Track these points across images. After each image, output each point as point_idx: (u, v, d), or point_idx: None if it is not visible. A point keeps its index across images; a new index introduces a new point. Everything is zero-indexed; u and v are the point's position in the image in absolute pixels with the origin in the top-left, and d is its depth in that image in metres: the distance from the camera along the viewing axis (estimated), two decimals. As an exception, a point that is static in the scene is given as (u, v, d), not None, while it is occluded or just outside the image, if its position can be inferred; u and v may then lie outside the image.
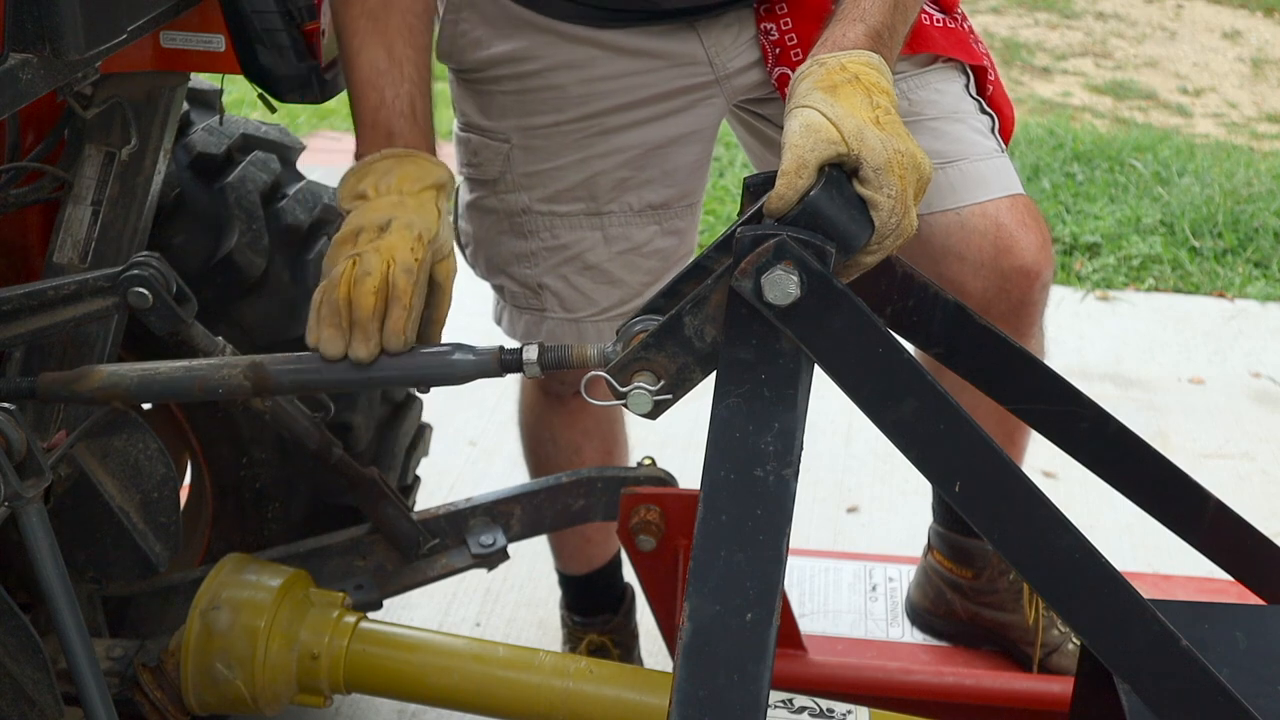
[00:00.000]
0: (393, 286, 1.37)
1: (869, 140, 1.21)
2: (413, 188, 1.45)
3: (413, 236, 1.40)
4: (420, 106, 1.52)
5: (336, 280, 1.38)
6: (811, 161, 1.21)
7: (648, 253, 1.93)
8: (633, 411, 1.26)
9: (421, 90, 1.53)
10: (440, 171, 1.48)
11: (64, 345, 1.73)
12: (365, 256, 1.38)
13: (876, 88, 1.27)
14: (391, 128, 1.50)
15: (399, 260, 1.38)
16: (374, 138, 1.50)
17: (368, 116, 1.51)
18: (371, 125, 1.51)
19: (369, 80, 1.51)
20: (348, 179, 1.48)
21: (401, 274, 1.38)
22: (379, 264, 1.38)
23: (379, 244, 1.39)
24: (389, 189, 1.45)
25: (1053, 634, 2.15)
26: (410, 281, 1.38)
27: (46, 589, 1.41)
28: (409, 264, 1.38)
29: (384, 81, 1.51)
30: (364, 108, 1.52)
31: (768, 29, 1.77)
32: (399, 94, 1.51)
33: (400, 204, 1.43)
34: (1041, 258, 1.80)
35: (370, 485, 1.91)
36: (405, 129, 1.50)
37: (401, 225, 1.40)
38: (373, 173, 1.46)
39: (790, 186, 1.21)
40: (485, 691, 1.67)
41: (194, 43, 1.75)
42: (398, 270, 1.38)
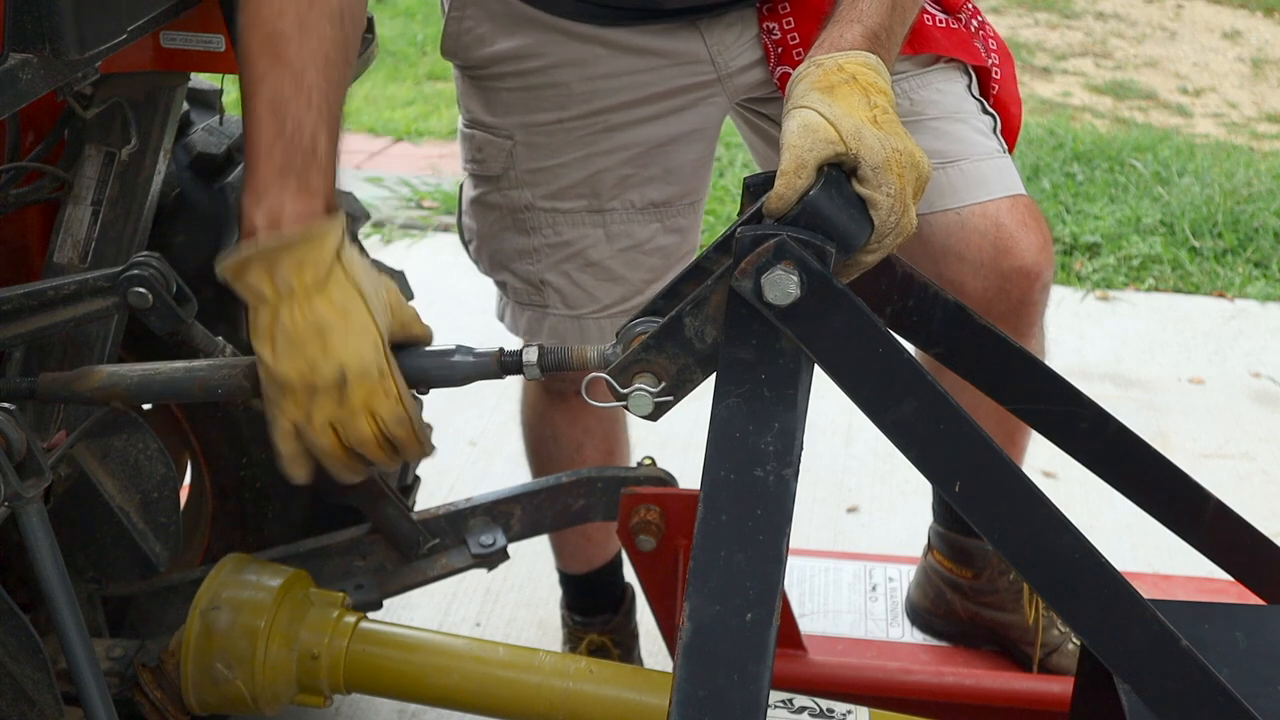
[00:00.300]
0: (396, 441, 1.33)
1: (867, 139, 1.22)
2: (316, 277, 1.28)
3: (375, 377, 1.29)
4: (324, 144, 1.33)
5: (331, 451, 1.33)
6: (810, 161, 1.21)
7: (649, 250, 1.93)
8: (633, 413, 1.26)
9: (328, 126, 1.34)
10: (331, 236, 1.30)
11: (64, 345, 1.73)
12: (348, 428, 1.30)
13: (874, 88, 1.28)
14: (288, 162, 1.31)
15: (384, 414, 1.31)
16: (266, 172, 1.31)
17: (262, 149, 1.32)
18: (265, 158, 1.31)
19: (269, 107, 1.32)
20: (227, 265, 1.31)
21: (395, 427, 1.31)
22: (368, 429, 1.31)
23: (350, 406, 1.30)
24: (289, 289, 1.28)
25: (1053, 634, 2.15)
26: (408, 429, 1.32)
27: (46, 589, 1.41)
28: (395, 413, 1.31)
29: (286, 111, 1.32)
30: (259, 138, 1.32)
31: (770, 28, 1.78)
32: (301, 125, 1.32)
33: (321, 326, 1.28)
34: (1042, 258, 1.80)
35: (370, 485, 1.91)
36: (301, 165, 1.31)
37: (357, 375, 1.29)
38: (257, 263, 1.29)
39: (789, 186, 1.21)
40: (485, 691, 1.67)
41: (194, 43, 1.74)
42: (390, 426, 1.31)
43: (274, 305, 1.29)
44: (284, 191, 1.31)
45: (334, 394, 1.30)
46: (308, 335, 1.29)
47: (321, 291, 1.29)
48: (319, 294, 1.29)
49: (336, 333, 1.29)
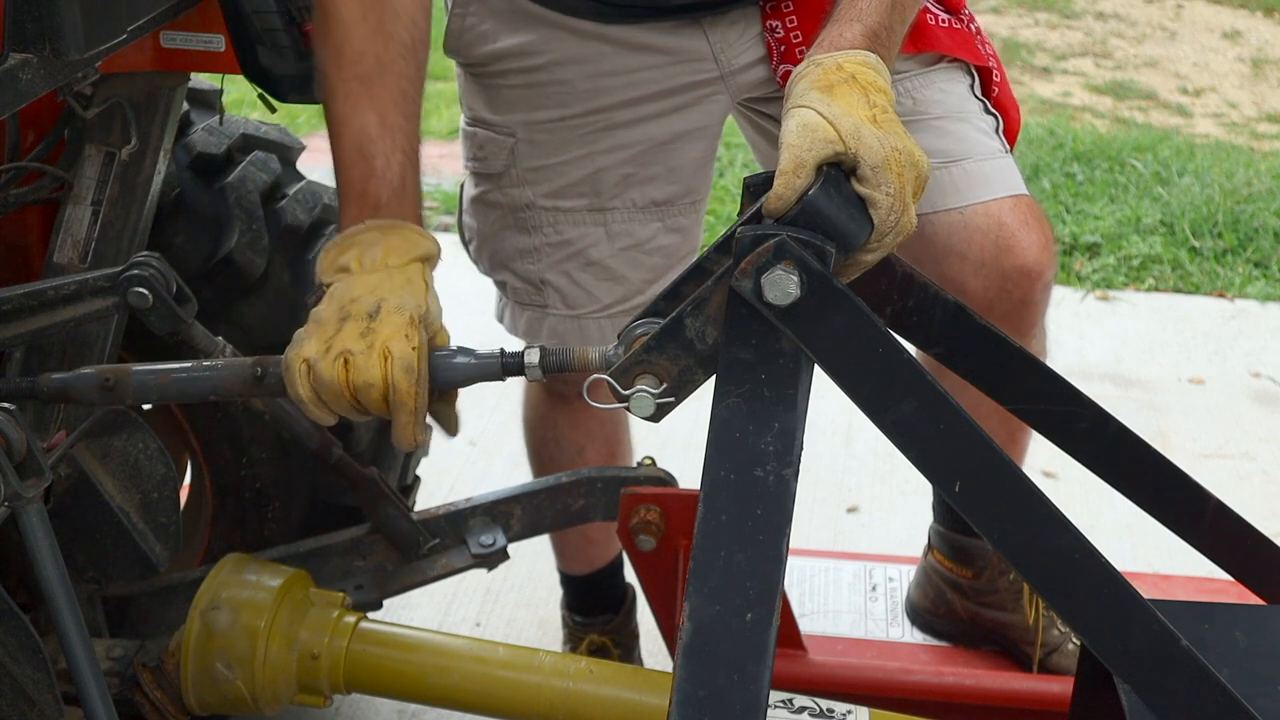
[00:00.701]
0: (394, 389, 1.32)
1: (866, 139, 1.22)
2: (398, 260, 1.39)
3: (404, 321, 1.34)
4: (410, 180, 1.45)
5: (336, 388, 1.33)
6: (809, 161, 1.21)
7: (650, 250, 1.93)
8: (635, 414, 1.26)
9: (412, 161, 1.46)
10: (427, 244, 1.42)
11: (64, 345, 1.73)
12: (359, 362, 1.32)
13: (873, 87, 1.28)
14: (379, 200, 1.43)
15: (396, 354, 1.32)
16: (360, 210, 1.43)
17: (355, 187, 1.44)
18: (360, 196, 1.43)
19: (358, 148, 1.43)
20: (329, 250, 1.41)
21: (401, 373, 1.32)
22: (378, 368, 1.32)
23: (371, 337, 1.32)
24: (374, 263, 1.38)
25: (1053, 634, 2.15)
26: (411, 380, 1.32)
27: (46, 589, 1.41)
28: (407, 358, 1.32)
29: (374, 150, 1.43)
30: (351, 177, 1.44)
31: (773, 26, 1.78)
32: (390, 164, 1.43)
33: (386, 280, 1.37)
34: (1044, 258, 1.80)
35: (370, 485, 1.91)
36: (393, 203, 1.43)
37: (391, 309, 1.34)
38: (356, 245, 1.40)
39: (788, 186, 1.21)
40: (485, 691, 1.67)
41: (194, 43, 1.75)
42: (397, 369, 1.32)
43: (354, 277, 1.38)
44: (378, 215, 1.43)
45: (361, 323, 1.34)
46: (366, 284, 1.36)
47: (399, 269, 1.38)
48: (396, 270, 1.38)
49: (392, 282, 1.36)
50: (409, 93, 1.47)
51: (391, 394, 1.33)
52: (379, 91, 1.44)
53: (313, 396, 1.35)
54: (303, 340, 1.36)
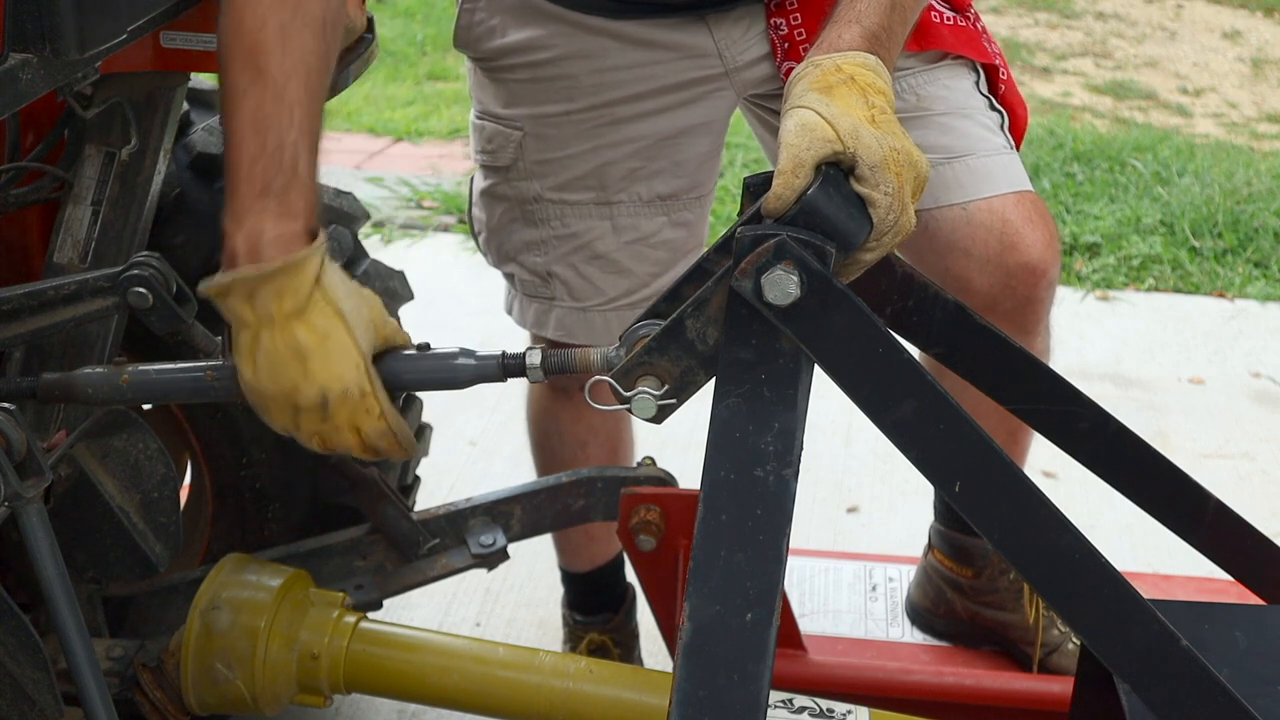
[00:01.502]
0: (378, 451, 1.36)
1: (864, 138, 1.22)
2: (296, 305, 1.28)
3: (357, 401, 1.31)
4: (304, 162, 1.32)
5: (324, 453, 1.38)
6: (808, 160, 1.21)
7: (656, 243, 1.93)
8: (637, 416, 1.26)
9: (308, 142, 1.33)
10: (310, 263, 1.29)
11: (64, 345, 1.73)
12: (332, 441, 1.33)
13: (872, 88, 1.28)
14: (269, 182, 1.30)
15: (366, 429, 1.33)
16: (246, 192, 1.30)
17: (243, 168, 1.30)
18: (246, 178, 1.30)
19: (251, 124, 1.31)
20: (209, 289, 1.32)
21: (379, 439, 1.34)
22: (352, 440, 1.34)
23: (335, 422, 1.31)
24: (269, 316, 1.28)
25: (1053, 634, 2.15)
26: (391, 439, 1.35)
27: (46, 589, 1.41)
28: (378, 429, 1.33)
29: (268, 127, 1.31)
30: (240, 156, 1.31)
31: (777, 24, 1.79)
32: (282, 143, 1.30)
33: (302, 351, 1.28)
34: (1048, 254, 1.80)
35: (370, 485, 1.91)
36: (282, 185, 1.30)
37: (337, 398, 1.29)
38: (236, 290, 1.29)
39: (787, 186, 1.21)
40: (485, 691, 1.67)
41: (194, 43, 1.74)
42: (374, 440, 1.34)
43: (254, 329, 1.30)
44: (264, 215, 1.30)
45: (317, 413, 1.31)
46: (288, 359, 1.29)
47: (300, 317, 1.29)
48: (298, 320, 1.28)
49: (316, 357, 1.29)
50: (314, 68, 1.34)
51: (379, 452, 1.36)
52: (280, 64, 1.32)
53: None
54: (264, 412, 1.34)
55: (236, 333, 1.32)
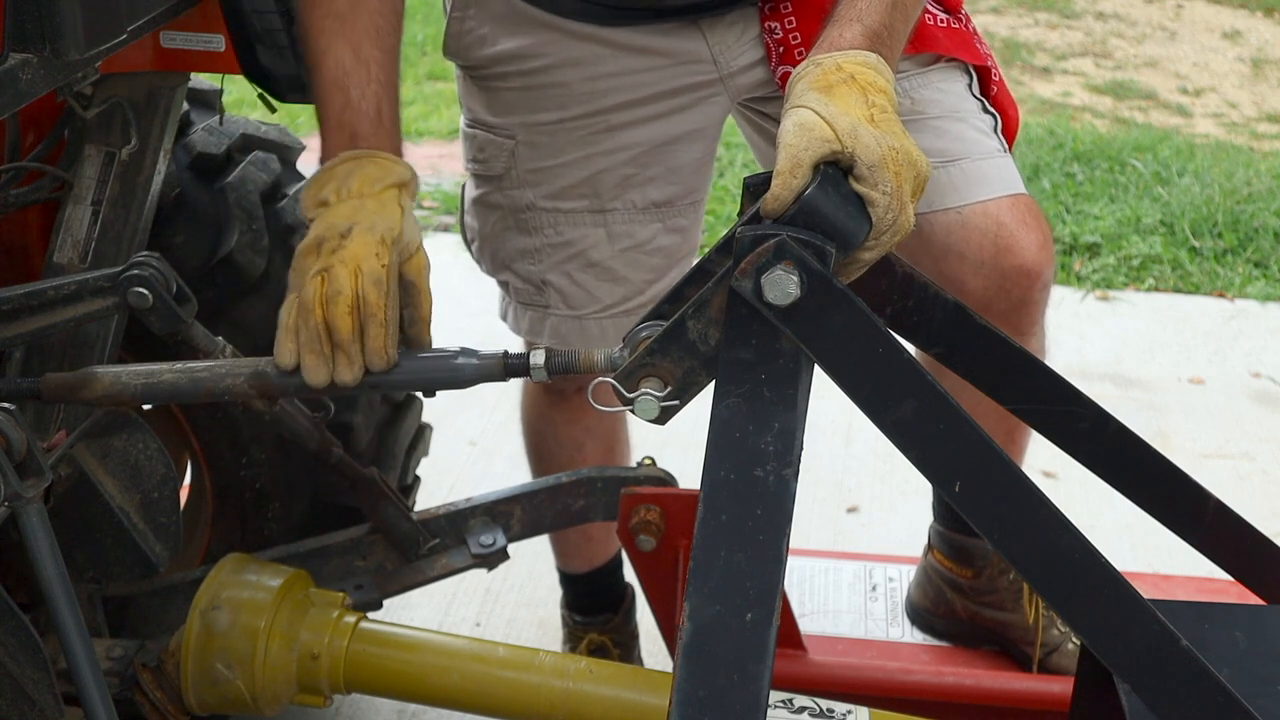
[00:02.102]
0: (364, 302, 1.34)
1: (863, 137, 1.22)
2: (373, 189, 1.42)
3: (375, 240, 1.36)
4: (386, 110, 1.49)
5: (310, 302, 1.35)
6: (806, 160, 1.21)
7: (650, 250, 1.93)
8: (640, 417, 1.26)
9: (388, 93, 1.50)
10: (401, 170, 1.45)
11: (64, 345, 1.73)
12: (333, 272, 1.35)
13: (873, 87, 1.28)
14: (356, 129, 1.46)
15: (366, 270, 1.35)
16: (338, 140, 1.46)
17: (333, 118, 1.47)
18: (336, 127, 1.47)
19: (335, 81, 1.47)
20: (309, 186, 1.44)
21: (370, 286, 1.34)
22: (348, 279, 1.34)
23: (343, 254, 1.35)
24: (349, 193, 1.41)
25: (1053, 634, 2.15)
26: (381, 293, 1.35)
27: (46, 589, 1.41)
28: (376, 273, 1.35)
29: (349, 82, 1.47)
30: (329, 110, 1.48)
31: (771, 28, 1.78)
32: (365, 95, 1.47)
33: (360, 207, 1.39)
34: (1042, 257, 1.80)
35: (370, 485, 1.91)
36: (369, 131, 1.46)
37: (363, 230, 1.37)
38: (334, 178, 1.43)
39: (785, 186, 1.21)
40: (485, 691, 1.67)
41: (194, 43, 1.75)
42: (366, 283, 1.34)
43: (334, 208, 1.40)
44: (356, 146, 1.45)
45: (334, 242, 1.37)
46: (344, 210, 1.39)
47: (374, 196, 1.41)
48: (371, 197, 1.41)
49: (367, 207, 1.40)
50: (383, 28, 1.51)
51: (361, 306, 1.34)
52: (352, 26, 1.49)
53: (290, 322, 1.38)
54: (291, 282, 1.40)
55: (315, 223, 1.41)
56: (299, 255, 1.40)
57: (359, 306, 1.34)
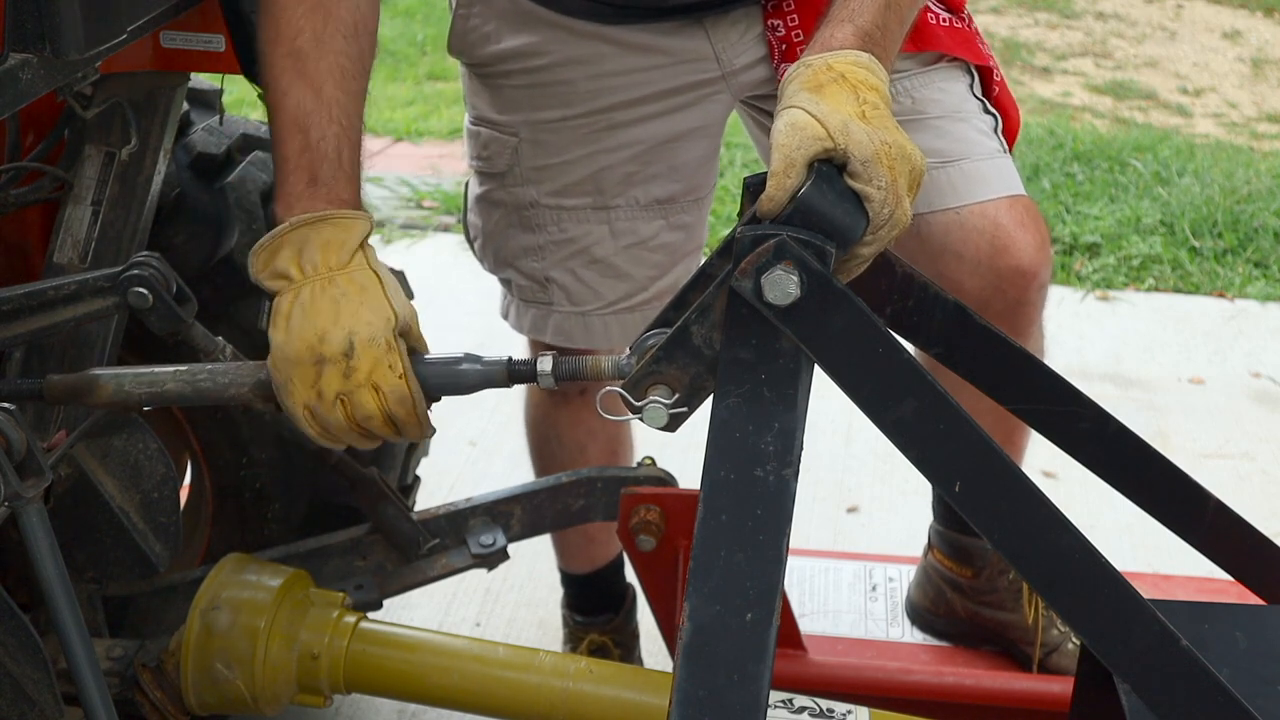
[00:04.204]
0: (395, 419, 1.34)
1: (855, 134, 1.22)
2: (340, 259, 1.35)
3: (383, 350, 1.32)
4: (347, 154, 1.42)
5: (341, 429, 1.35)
6: (799, 159, 1.22)
7: (654, 247, 1.93)
8: (649, 425, 1.26)
9: (350, 137, 1.43)
10: (360, 225, 1.38)
11: (64, 345, 1.73)
12: (355, 398, 1.32)
13: (864, 85, 1.28)
14: (315, 172, 1.40)
15: (388, 390, 1.32)
16: (295, 181, 1.40)
17: (290, 159, 1.41)
18: (294, 169, 1.40)
19: (294, 121, 1.41)
20: (259, 253, 1.38)
21: (398, 405, 1.33)
22: (372, 402, 1.32)
23: (356, 378, 1.32)
24: (314, 268, 1.34)
25: (1053, 634, 2.15)
26: (408, 406, 1.33)
27: (46, 589, 1.41)
28: (398, 390, 1.32)
29: (310, 123, 1.41)
30: (287, 150, 1.41)
31: (774, 25, 1.78)
32: (325, 136, 1.41)
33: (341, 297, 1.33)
34: (1039, 258, 1.80)
35: (370, 485, 1.91)
36: (329, 175, 1.40)
37: (364, 343, 1.31)
38: (287, 244, 1.36)
39: (780, 186, 1.21)
40: (485, 691, 1.67)
41: (194, 43, 1.75)
42: (393, 404, 1.33)
43: (297, 286, 1.34)
44: (315, 199, 1.39)
45: (340, 364, 1.32)
46: (323, 307, 1.33)
47: (344, 270, 1.35)
48: (341, 272, 1.34)
49: (350, 304, 1.33)
50: (349, 70, 1.45)
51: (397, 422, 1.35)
52: (315, 66, 1.43)
53: (323, 435, 1.37)
54: (286, 385, 1.35)
55: (277, 299, 1.36)
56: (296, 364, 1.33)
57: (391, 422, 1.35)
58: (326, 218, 1.37)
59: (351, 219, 1.38)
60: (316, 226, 1.36)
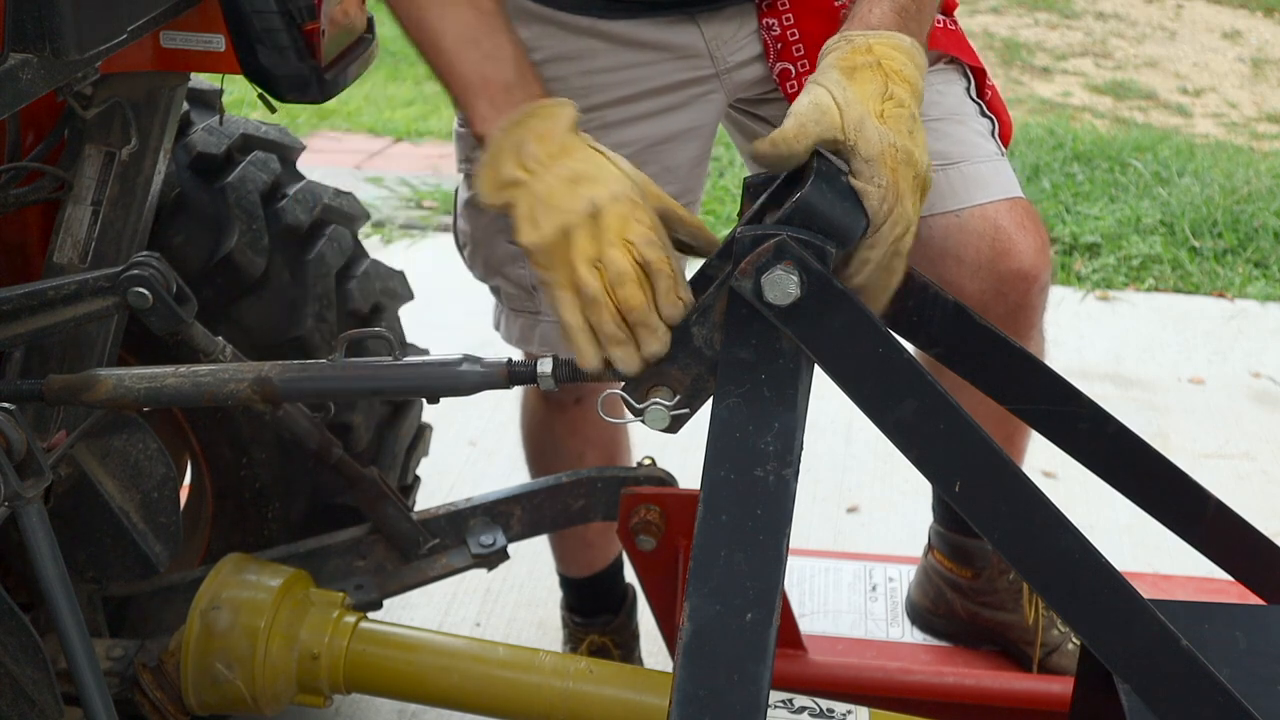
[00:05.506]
0: (648, 266, 1.27)
1: (867, 132, 1.24)
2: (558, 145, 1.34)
3: (626, 205, 1.29)
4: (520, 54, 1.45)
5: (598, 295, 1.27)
6: (810, 134, 1.24)
7: None
8: (650, 427, 1.26)
9: (517, 39, 1.47)
10: (565, 110, 1.38)
11: (64, 345, 1.73)
12: (608, 256, 1.27)
13: (898, 75, 1.29)
14: (505, 79, 1.41)
15: (637, 239, 1.27)
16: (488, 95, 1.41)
17: (472, 78, 1.42)
18: (481, 85, 1.42)
19: (463, 40, 1.43)
20: (483, 173, 1.37)
21: (648, 250, 1.27)
22: (624, 259, 1.27)
23: (607, 235, 1.28)
24: (538, 162, 1.33)
25: (1053, 634, 2.15)
26: (659, 249, 1.28)
27: (46, 589, 1.41)
28: (647, 236, 1.27)
29: (479, 35, 1.44)
30: (463, 69, 1.43)
31: (769, 24, 1.78)
32: (499, 44, 1.43)
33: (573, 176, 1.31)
34: (1039, 261, 1.80)
35: (370, 485, 1.91)
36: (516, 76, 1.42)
37: (606, 200, 1.29)
38: (505, 153, 1.35)
39: (784, 140, 1.23)
40: (485, 691, 1.67)
41: (194, 43, 1.74)
42: (644, 250, 1.27)
43: (529, 185, 1.32)
44: (511, 104, 1.39)
45: (588, 229, 1.28)
46: (560, 188, 1.31)
47: (567, 154, 1.33)
48: (565, 156, 1.33)
49: (586, 177, 1.31)
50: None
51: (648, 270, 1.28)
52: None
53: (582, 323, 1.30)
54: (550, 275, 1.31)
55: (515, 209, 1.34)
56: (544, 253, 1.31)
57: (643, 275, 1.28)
58: (531, 112, 1.37)
59: (555, 105, 1.38)
60: (525, 123, 1.36)
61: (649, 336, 1.27)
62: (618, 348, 1.28)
